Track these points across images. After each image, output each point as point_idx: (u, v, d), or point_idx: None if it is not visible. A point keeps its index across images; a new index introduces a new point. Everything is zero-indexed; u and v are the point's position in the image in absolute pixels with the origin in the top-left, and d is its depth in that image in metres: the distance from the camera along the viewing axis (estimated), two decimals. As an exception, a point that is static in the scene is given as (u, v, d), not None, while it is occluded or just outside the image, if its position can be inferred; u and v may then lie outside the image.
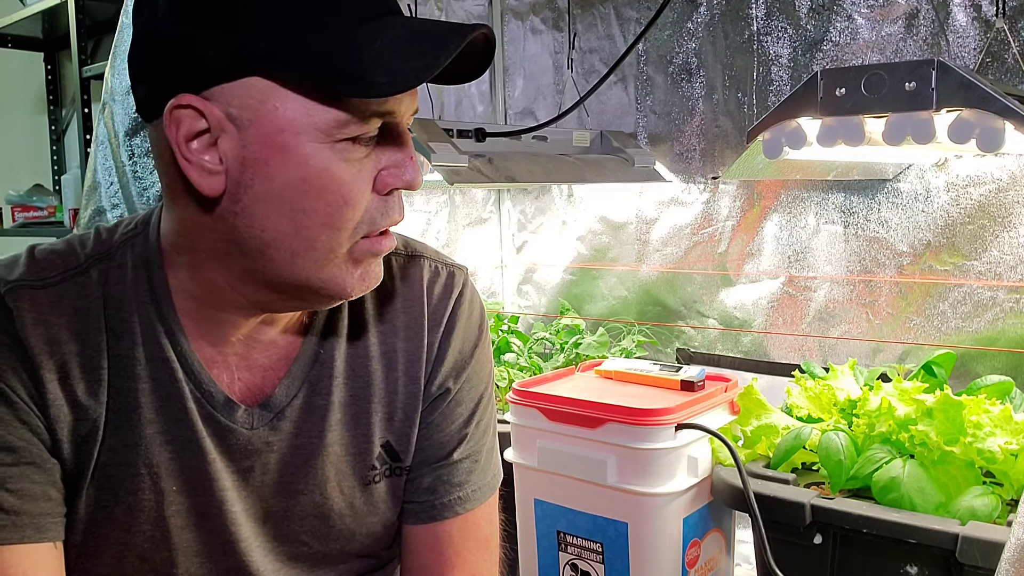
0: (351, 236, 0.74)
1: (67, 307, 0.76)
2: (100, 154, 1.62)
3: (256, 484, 0.82)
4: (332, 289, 0.76)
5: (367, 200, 0.74)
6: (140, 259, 0.79)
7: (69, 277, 0.77)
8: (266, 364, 0.83)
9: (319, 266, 0.74)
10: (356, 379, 0.86)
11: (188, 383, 0.78)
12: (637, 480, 1.25)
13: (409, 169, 0.75)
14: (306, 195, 0.71)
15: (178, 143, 0.70)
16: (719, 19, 1.81)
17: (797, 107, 1.13)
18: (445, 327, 0.90)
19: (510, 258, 2.29)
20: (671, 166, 1.91)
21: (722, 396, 1.38)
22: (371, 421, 0.86)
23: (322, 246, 0.73)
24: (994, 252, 1.49)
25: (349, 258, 0.75)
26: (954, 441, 1.08)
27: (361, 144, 0.72)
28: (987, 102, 0.99)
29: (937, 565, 1.03)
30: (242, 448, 0.81)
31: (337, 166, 0.71)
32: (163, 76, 0.71)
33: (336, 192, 0.72)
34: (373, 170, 0.74)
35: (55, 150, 3.23)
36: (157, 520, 0.79)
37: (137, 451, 0.77)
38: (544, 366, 1.80)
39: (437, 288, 0.91)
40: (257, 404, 0.81)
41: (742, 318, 1.83)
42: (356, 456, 0.86)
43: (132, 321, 0.78)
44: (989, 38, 1.44)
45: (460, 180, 1.47)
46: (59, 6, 2.65)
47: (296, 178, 0.70)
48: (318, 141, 0.70)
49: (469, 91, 2.21)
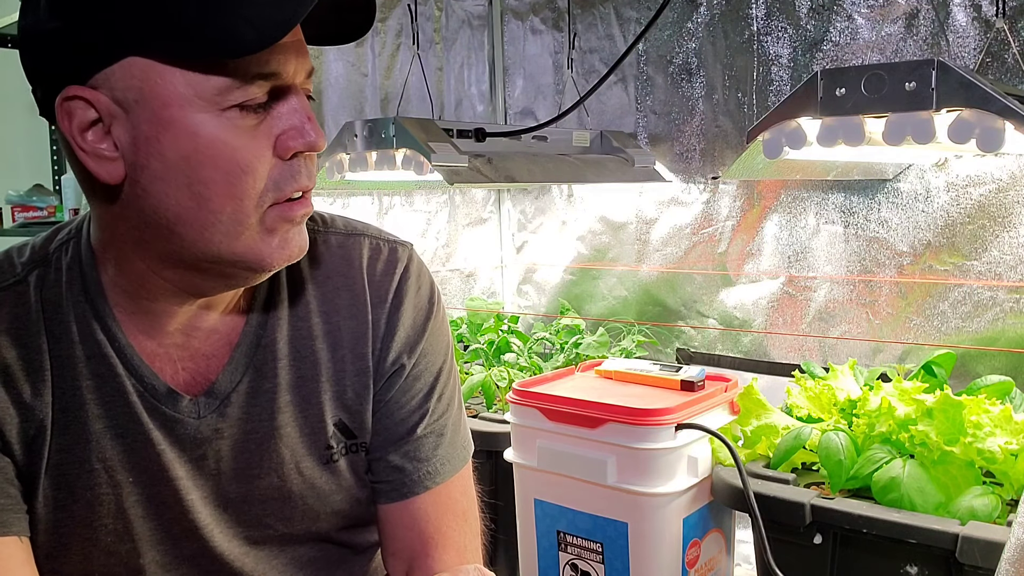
0: (257, 205, 0.73)
1: (6, 315, 0.77)
2: (100, 154, 1.61)
3: (211, 471, 0.83)
4: (251, 261, 0.75)
5: (267, 166, 0.73)
6: (74, 261, 0.81)
7: (8, 287, 0.79)
8: (208, 352, 0.83)
9: (231, 238, 0.74)
10: (302, 360, 0.86)
11: (129, 378, 0.80)
12: (637, 480, 1.25)
13: (308, 130, 0.74)
14: (201, 166, 0.71)
15: (73, 135, 0.71)
16: (719, 19, 1.81)
17: (797, 107, 1.13)
18: (392, 303, 0.90)
19: (510, 258, 2.29)
20: (671, 166, 1.91)
21: (722, 396, 1.38)
22: (321, 400, 0.87)
23: (228, 217, 0.73)
24: (994, 252, 1.49)
25: (262, 227, 0.74)
26: (954, 441, 1.08)
27: (250, 111, 0.72)
28: (987, 102, 0.99)
29: (937, 565, 1.03)
30: (191, 437, 0.81)
31: (228, 134, 0.71)
32: (50, 72, 0.72)
33: (231, 160, 0.71)
34: (270, 135, 0.73)
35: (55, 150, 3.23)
36: (118, 512, 0.80)
37: (88, 447, 0.78)
38: (544, 366, 1.79)
39: (379, 264, 0.91)
40: (202, 393, 0.82)
41: (742, 318, 1.83)
42: (311, 436, 0.86)
43: (69, 321, 0.79)
44: (989, 38, 1.44)
45: (460, 180, 1.47)
46: (59, 6, 2.65)
47: (188, 151, 0.70)
48: (205, 111, 0.70)
49: (469, 91, 2.21)
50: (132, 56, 0.69)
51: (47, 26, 0.70)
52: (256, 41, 0.68)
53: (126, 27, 0.68)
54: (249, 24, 0.67)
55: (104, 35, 0.69)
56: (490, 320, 1.97)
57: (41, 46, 0.72)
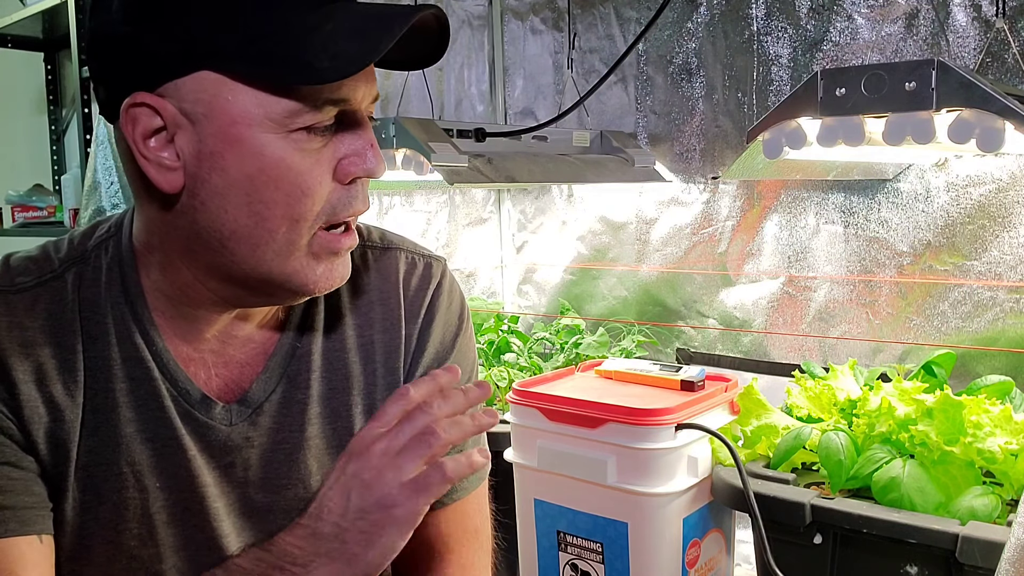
0: (311, 227, 0.74)
1: (42, 311, 0.77)
2: (100, 154, 1.62)
3: (239, 480, 0.82)
4: (296, 284, 0.76)
5: (327, 190, 0.74)
6: (114, 261, 0.80)
7: (44, 282, 0.78)
8: (243, 360, 0.83)
9: (281, 259, 0.74)
10: (334, 372, 0.86)
11: (164, 381, 0.79)
12: (637, 480, 1.25)
13: (370, 157, 0.75)
14: (264, 187, 0.71)
15: (135, 141, 0.71)
16: (719, 19, 1.80)
17: (797, 107, 1.12)
18: (424, 318, 0.90)
19: (510, 258, 2.29)
20: (671, 166, 1.91)
21: (722, 396, 1.38)
22: (351, 414, 0.87)
23: (282, 238, 0.73)
24: (994, 252, 1.49)
25: (309, 252, 0.75)
26: (954, 441, 1.08)
27: (317, 134, 0.72)
28: (987, 102, 0.99)
29: (937, 565, 1.03)
30: (221, 444, 0.81)
31: (293, 156, 0.71)
32: (118, 76, 0.72)
33: (293, 183, 0.72)
34: (332, 159, 0.74)
35: (55, 150, 3.23)
36: (143, 518, 0.79)
37: (118, 450, 0.78)
38: (544, 366, 1.79)
39: (414, 279, 0.91)
40: (235, 400, 0.82)
41: (742, 318, 1.83)
42: (337, 449, 0.86)
43: (107, 322, 0.78)
44: (989, 38, 1.44)
45: (460, 180, 1.47)
46: (59, 6, 2.65)
47: (252, 170, 0.71)
48: (272, 132, 0.70)
49: (469, 91, 2.21)
50: (205, 71, 0.69)
51: (119, 30, 0.70)
52: (333, 71, 0.68)
53: (203, 42, 0.68)
54: (328, 55, 0.68)
55: (180, 47, 0.69)
56: (490, 320, 1.97)
57: (110, 49, 0.72)
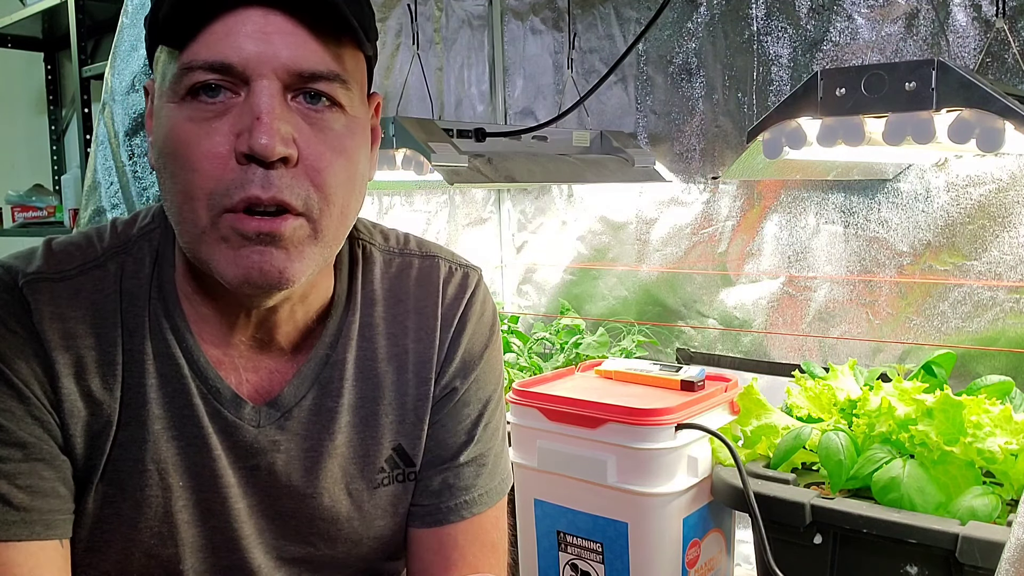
0: (208, 208, 0.68)
1: (84, 301, 0.75)
2: (100, 154, 1.62)
3: (263, 483, 0.81)
4: (219, 272, 0.69)
5: (219, 168, 0.67)
6: (153, 252, 0.79)
7: (87, 270, 0.77)
8: (273, 366, 0.82)
9: (196, 242, 0.70)
10: (365, 381, 0.85)
11: (194, 379, 0.78)
12: (637, 480, 1.25)
13: (255, 133, 0.66)
14: (169, 159, 0.69)
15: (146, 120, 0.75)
16: (719, 19, 1.80)
17: (797, 107, 1.12)
18: (456, 326, 0.89)
19: (510, 258, 2.29)
20: (671, 166, 1.91)
21: (722, 396, 1.38)
22: (380, 423, 0.85)
23: (186, 217, 0.69)
24: (994, 252, 1.49)
25: (217, 236, 0.68)
26: (954, 441, 1.08)
27: (205, 102, 0.67)
28: (987, 102, 0.99)
29: (937, 565, 1.03)
30: (248, 446, 0.80)
31: (183, 126, 0.68)
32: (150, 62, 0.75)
33: (184, 156, 0.68)
34: (229, 133, 0.67)
35: (55, 150, 3.23)
36: (164, 516, 0.78)
37: (145, 447, 0.77)
38: (544, 366, 1.79)
39: (451, 288, 0.90)
40: (265, 403, 0.81)
41: (742, 318, 1.83)
42: (364, 459, 0.85)
43: (144, 316, 0.77)
44: (989, 38, 1.44)
45: (460, 180, 1.46)
46: (59, 6, 2.65)
47: (160, 141, 0.70)
48: (171, 100, 0.69)
49: (469, 91, 2.21)
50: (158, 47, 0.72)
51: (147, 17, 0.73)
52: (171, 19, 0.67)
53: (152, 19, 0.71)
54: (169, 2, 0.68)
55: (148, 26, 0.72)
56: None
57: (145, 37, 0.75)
